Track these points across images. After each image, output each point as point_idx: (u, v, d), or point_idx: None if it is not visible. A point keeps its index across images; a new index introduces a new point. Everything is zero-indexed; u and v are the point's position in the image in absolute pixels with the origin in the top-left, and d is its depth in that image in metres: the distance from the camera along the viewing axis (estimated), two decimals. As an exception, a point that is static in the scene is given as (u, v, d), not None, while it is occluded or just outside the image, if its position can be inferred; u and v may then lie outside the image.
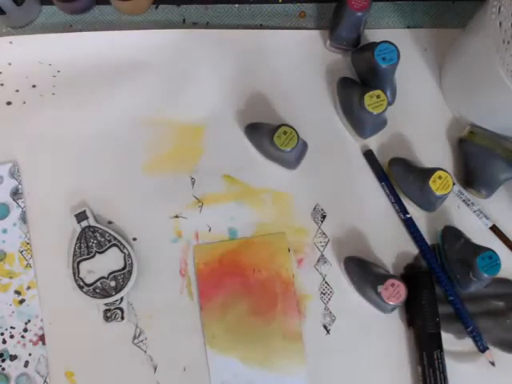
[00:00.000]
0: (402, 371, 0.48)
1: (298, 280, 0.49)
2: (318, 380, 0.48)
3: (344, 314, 0.49)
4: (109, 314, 0.47)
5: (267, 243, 0.49)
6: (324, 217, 0.50)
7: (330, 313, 0.49)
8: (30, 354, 0.47)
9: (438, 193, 0.45)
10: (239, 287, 0.48)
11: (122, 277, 0.47)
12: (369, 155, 0.51)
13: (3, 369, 0.47)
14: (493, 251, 0.45)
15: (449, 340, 0.48)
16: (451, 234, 0.49)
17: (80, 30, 0.53)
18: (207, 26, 0.54)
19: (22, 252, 0.49)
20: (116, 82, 0.52)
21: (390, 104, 0.50)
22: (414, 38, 0.54)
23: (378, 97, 0.46)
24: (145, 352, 0.48)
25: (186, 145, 0.51)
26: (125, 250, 0.48)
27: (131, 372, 0.47)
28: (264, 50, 0.53)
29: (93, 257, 0.48)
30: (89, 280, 0.47)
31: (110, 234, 0.48)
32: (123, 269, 0.47)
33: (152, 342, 0.48)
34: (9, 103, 0.51)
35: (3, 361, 0.47)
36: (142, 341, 0.48)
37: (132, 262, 0.47)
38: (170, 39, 0.53)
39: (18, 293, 0.48)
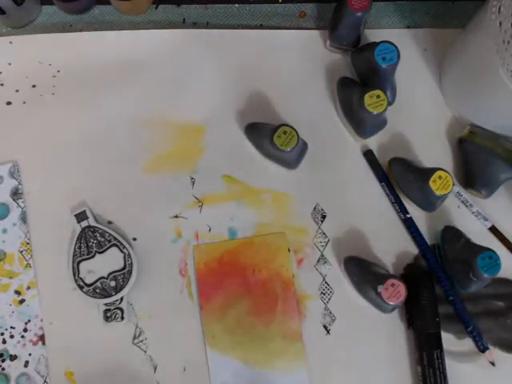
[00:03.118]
0: (402, 371, 0.48)
1: (298, 280, 0.49)
2: (318, 380, 0.48)
3: (344, 314, 0.49)
4: (109, 314, 0.47)
5: (267, 243, 0.49)
6: (324, 217, 0.50)
7: (330, 313, 0.49)
8: (30, 354, 0.47)
9: (438, 193, 0.45)
10: (239, 287, 0.48)
11: (121, 277, 0.47)
12: (369, 155, 0.51)
13: (3, 369, 0.47)
14: (493, 251, 0.45)
15: (449, 340, 0.48)
16: (451, 234, 0.49)
17: (80, 30, 0.53)
18: (207, 26, 0.54)
19: (21, 252, 0.49)
20: (116, 81, 0.52)
21: (390, 104, 0.49)
22: (414, 38, 0.54)
23: (378, 97, 0.46)
24: (145, 352, 0.48)
25: (185, 145, 0.51)
26: (125, 250, 0.48)
27: (131, 372, 0.47)
28: (264, 50, 0.53)
29: (93, 257, 0.48)
30: (89, 280, 0.47)
31: (110, 234, 0.48)
32: (123, 269, 0.47)
33: (152, 342, 0.48)
34: (9, 103, 0.51)
35: (3, 361, 0.47)
36: (141, 341, 0.48)
37: (132, 262, 0.47)
38: (170, 39, 0.53)
39: (17, 293, 0.48)
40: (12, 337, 0.47)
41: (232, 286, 0.48)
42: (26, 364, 0.47)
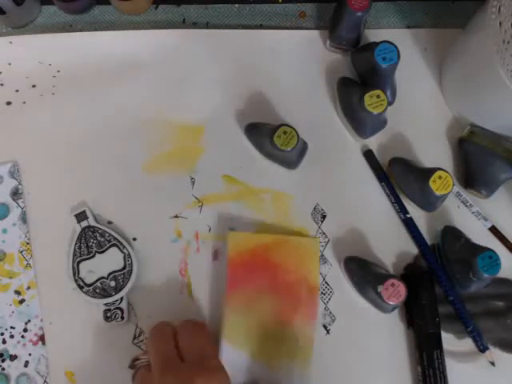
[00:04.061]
0: (402, 371, 0.48)
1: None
2: (318, 380, 0.48)
3: (344, 314, 0.49)
4: (109, 314, 0.47)
5: (301, 246, 0.48)
6: (324, 217, 0.50)
7: (330, 313, 0.49)
8: (29, 354, 0.47)
9: (438, 193, 0.45)
10: (266, 284, 0.47)
11: (121, 277, 0.47)
12: (369, 155, 0.51)
13: (3, 369, 0.47)
14: (493, 251, 0.45)
15: (449, 340, 0.48)
16: (451, 234, 0.49)
17: (80, 30, 0.53)
18: (207, 26, 0.54)
19: (21, 252, 0.49)
20: (116, 81, 0.52)
21: (390, 104, 0.50)
22: (414, 38, 0.54)
23: (378, 97, 0.46)
24: (145, 352, 0.48)
25: (186, 145, 0.51)
26: (125, 250, 0.48)
27: (131, 372, 0.47)
28: (264, 50, 0.53)
29: (93, 257, 0.48)
30: (89, 280, 0.47)
31: (110, 234, 0.48)
32: (123, 269, 0.47)
33: (152, 342, 0.48)
34: (9, 103, 0.51)
35: (3, 361, 0.47)
36: (142, 341, 0.48)
37: (132, 262, 0.48)
38: (170, 39, 0.53)
39: (17, 293, 0.48)
40: (12, 337, 0.47)
41: (260, 281, 0.47)
42: (26, 364, 0.47)
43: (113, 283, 0.47)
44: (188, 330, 0.43)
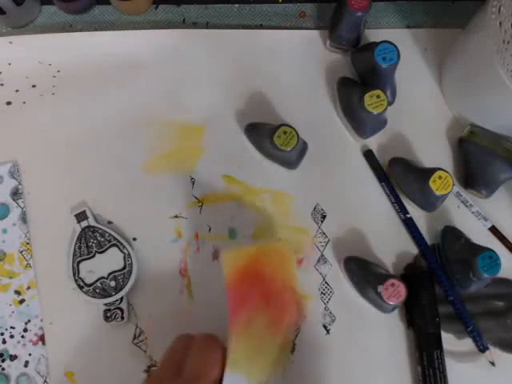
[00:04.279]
0: (402, 371, 0.48)
1: (298, 280, 0.49)
2: (318, 380, 0.48)
3: (344, 314, 0.49)
4: (109, 314, 0.47)
5: (278, 251, 0.44)
6: (324, 217, 0.50)
7: (330, 313, 0.49)
8: (29, 354, 0.47)
9: (437, 193, 0.45)
10: (260, 299, 0.42)
11: (121, 277, 0.47)
12: (369, 155, 0.51)
13: (3, 369, 0.47)
14: (493, 251, 0.45)
15: (449, 340, 0.48)
16: (451, 234, 0.49)
17: (80, 30, 0.53)
18: (207, 26, 0.54)
19: (21, 252, 0.49)
20: (116, 81, 0.52)
21: (390, 104, 0.50)
22: (414, 38, 0.54)
23: (378, 97, 0.46)
24: (145, 352, 0.48)
25: (186, 145, 0.51)
26: (125, 250, 0.48)
27: (131, 372, 0.47)
28: (264, 50, 0.53)
29: (93, 257, 0.48)
30: (89, 280, 0.47)
31: (110, 234, 0.48)
32: (123, 269, 0.47)
33: (152, 342, 0.48)
34: (9, 103, 0.51)
35: (3, 361, 0.47)
36: (142, 341, 0.48)
37: (132, 262, 0.48)
38: (170, 39, 0.53)
39: (17, 293, 0.48)
40: (12, 337, 0.47)
41: (255, 297, 0.42)
42: (26, 364, 0.47)
43: (113, 283, 0.47)
44: (197, 346, 0.41)
